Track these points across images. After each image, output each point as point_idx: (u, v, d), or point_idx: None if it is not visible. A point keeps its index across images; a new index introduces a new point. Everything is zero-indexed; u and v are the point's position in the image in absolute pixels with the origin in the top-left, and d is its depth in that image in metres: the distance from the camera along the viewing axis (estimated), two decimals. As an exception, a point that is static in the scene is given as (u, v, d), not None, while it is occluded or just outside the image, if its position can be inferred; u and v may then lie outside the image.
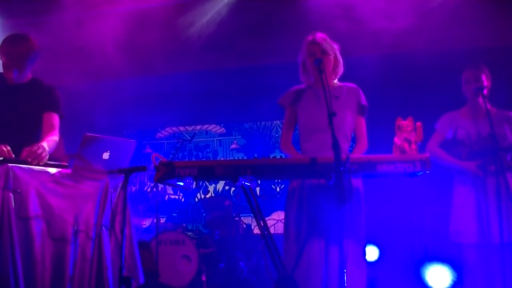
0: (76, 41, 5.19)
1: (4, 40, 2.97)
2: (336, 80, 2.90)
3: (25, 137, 2.81)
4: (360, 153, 2.78)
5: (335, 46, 2.85)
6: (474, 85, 3.35)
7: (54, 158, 2.70)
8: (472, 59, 3.83)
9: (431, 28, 4.82)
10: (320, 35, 2.84)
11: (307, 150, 2.77)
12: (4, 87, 2.95)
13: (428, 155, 2.25)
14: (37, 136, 2.87)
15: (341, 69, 2.89)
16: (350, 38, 4.70)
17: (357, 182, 2.70)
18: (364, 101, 2.85)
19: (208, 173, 2.32)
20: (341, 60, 2.87)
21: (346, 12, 4.70)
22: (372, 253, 4.88)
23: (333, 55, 2.82)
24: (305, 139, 2.82)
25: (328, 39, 2.85)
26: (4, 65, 2.95)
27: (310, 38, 2.84)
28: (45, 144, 2.63)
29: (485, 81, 3.37)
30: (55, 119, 2.96)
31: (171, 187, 6.51)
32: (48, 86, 3.02)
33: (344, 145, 2.70)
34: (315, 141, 2.75)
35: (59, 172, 2.48)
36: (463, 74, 3.45)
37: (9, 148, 2.51)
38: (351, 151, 2.85)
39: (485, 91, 3.31)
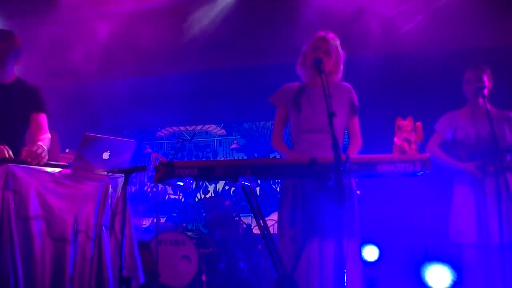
0: (76, 41, 5.19)
1: None
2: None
3: (9, 136, 2.80)
4: (355, 150, 2.77)
5: (341, 54, 2.82)
6: (475, 85, 3.35)
7: (50, 158, 2.70)
8: (472, 59, 3.84)
9: (431, 28, 4.82)
10: (332, 35, 2.81)
11: (300, 150, 2.76)
12: None
13: (428, 155, 2.25)
14: (21, 136, 2.87)
15: (337, 77, 2.85)
16: (350, 38, 4.71)
17: (351, 181, 2.69)
18: (356, 100, 2.83)
19: (208, 173, 2.32)
20: (341, 69, 2.84)
21: (346, 12, 4.70)
22: (372, 253, 4.88)
23: (335, 60, 2.80)
24: (297, 140, 2.81)
25: (339, 43, 2.82)
26: None
27: (322, 33, 2.81)
28: (43, 143, 2.63)
29: (487, 81, 3.38)
30: (43, 118, 2.96)
31: (171, 187, 6.52)
32: (32, 86, 3.01)
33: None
34: (308, 141, 2.74)
35: (59, 172, 2.48)
36: (465, 74, 3.45)
37: (8, 148, 2.51)
38: (344, 149, 2.84)
39: (485, 91, 3.31)
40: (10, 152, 2.51)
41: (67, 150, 3.53)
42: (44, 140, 2.76)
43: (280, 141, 2.88)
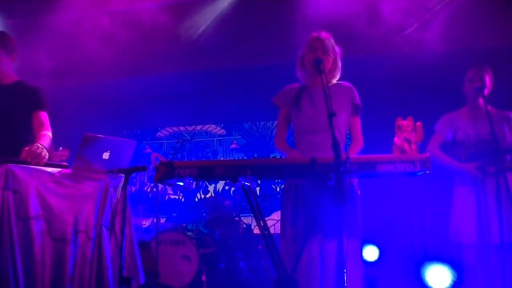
0: (76, 41, 5.19)
1: None
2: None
3: (13, 136, 2.82)
4: (356, 151, 2.77)
5: (337, 50, 2.83)
6: (476, 84, 3.35)
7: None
8: (472, 59, 3.83)
9: (431, 28, 4.82)
10: (325, 34, 2.81)
11: (302, 151, 2.75)
12: None
13: (428, 154, 2.25)
14: (26, 136, 2.87)
15: (337, 74, 2.85)
16: (350, 39, 4.71)
17: (352, 181, 2.69)
18: (358, 100, 2.83)
19: (208, 173, 2.32)
20: (339, 65, 2.83)
21: (346, 12, 4.70)
22: (372, 253, 4.88)
23: (333, 57, 2.80)
24: (300, 140, 2.80)
25: (333, 40, 2.82)
26: None
27: (314, 34, 2.81)
28: (43, 143, 2.63)
29: (488, 82, 3.38)
30: (44, 116, 2.97)
31: (171, 187, 6.52)
32: (32, 87, 3.03)
33: (340, 145, 2.69)
34: (310, 142, 2.73)
35: (59, 172, 2.48)
36: (468, 73, 3.44)
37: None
38: (346, 150, 2.84)
39: (485, 92, 3.31)
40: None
41: (60, 148, 3.54)
42: (44, 137, 2.77)
43: (282, 142, 2.88)
